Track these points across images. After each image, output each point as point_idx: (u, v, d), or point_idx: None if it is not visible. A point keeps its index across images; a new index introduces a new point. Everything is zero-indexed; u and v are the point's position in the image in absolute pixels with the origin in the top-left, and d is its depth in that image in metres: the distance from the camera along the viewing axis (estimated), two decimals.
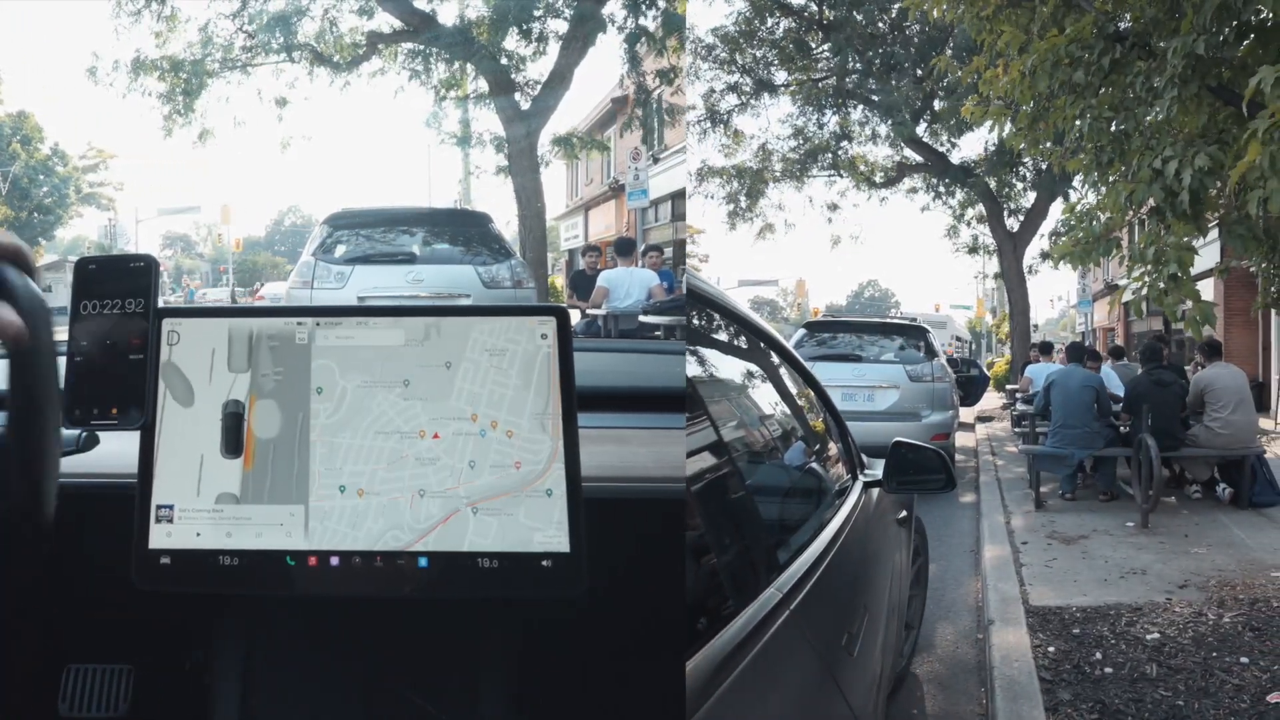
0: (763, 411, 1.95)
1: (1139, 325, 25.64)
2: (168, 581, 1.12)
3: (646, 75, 13.32)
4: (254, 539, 1.12)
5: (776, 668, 1.23)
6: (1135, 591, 4.96)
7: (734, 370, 1.83)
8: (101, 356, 1.11)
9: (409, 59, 14.31)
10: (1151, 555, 5.77)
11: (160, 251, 61.62)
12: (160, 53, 13.78)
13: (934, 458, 2.49)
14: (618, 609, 1.33)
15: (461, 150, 15.73)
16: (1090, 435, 7.40)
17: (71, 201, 36.96)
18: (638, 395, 1.67)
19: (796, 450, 2.14)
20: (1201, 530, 6.53)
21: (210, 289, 45.27)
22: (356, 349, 1.17)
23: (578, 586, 1.11)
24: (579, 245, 26.28)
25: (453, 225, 9.81)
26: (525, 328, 1.16)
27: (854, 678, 1.58)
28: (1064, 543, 6.14)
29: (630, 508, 1.32)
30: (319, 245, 8.91)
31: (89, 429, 1.18)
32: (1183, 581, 5.14)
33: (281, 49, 13.87)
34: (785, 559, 1.53)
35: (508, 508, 1.12)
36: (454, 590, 1.12)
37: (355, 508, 1.13)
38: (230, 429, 1.14)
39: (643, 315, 7.79)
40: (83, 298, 1.12)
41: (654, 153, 17.54)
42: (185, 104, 13.80)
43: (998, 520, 6.95)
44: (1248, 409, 7.41)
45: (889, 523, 2.61)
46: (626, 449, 1.48)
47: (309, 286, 8.56)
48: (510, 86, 13.58)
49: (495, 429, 1.14)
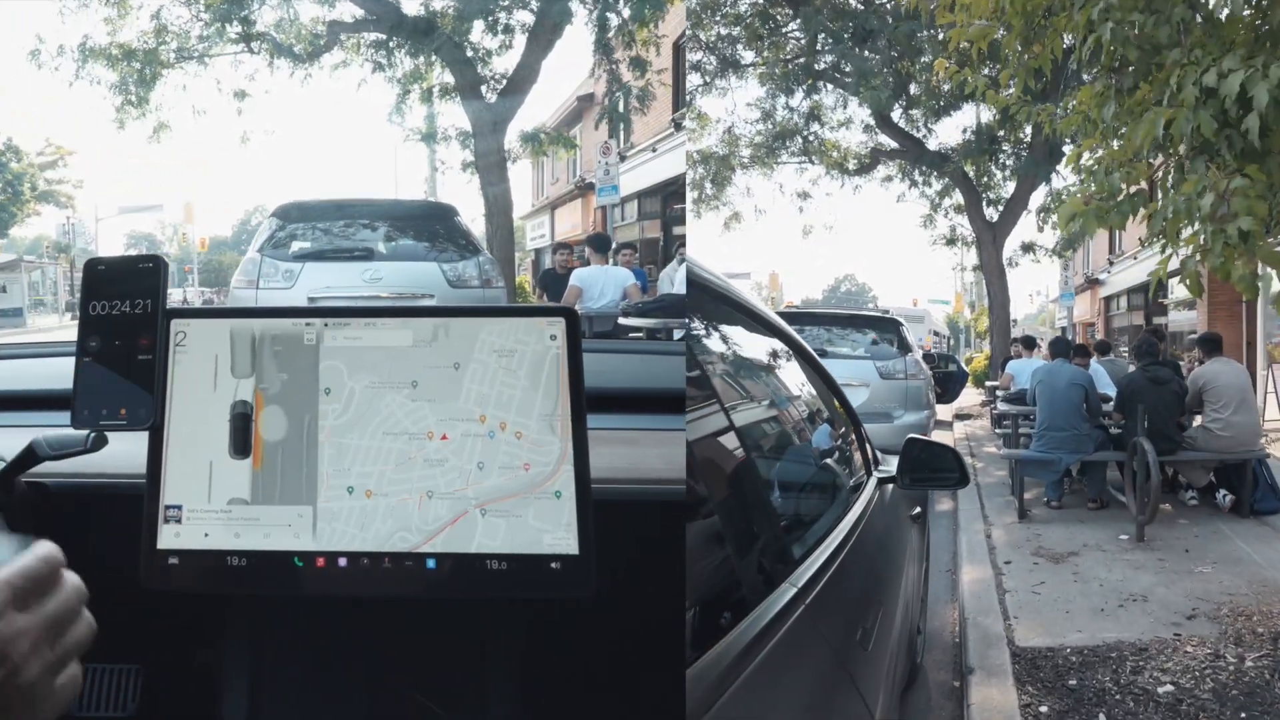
0: (777, 404, 1.93)
1: (1119, 319, 25.15)
2: (176, 582, 1.12)
3: (620, 63, 12.73)
4: (262, 540, 1.12)
5: (792, 662, 1.21)
6: (1138, 624, 4.24)
7: (748, 363, 1.79)
8: (110, 357, 1.12)
9: (372, 49, 13.61)
10: (1151, 576, 5.06)
11: (124, 251, 60.97)
12: (111, 40, 13.02)
13: (947, 454, 2.47)
14: (623, 610, 1.32)
15: (427, 146, 15.25)
16: (1079, 438, 6.67)
17: (27, 199, 35.85)
18: (638, 396, 1.66)
19: (811, 444, 2.11)
20: (1203, 544, 5.82)
21: (174, 289, 44.76)
22: (364, 350, 1.16)
23: (586, 588, 1.11)
24: (545, 244, 25.73)
25: (415, 219, 8.83)
26: (534, 328, 1.16)
27: (868, 672, 1.57)
28: (1052, 561, 5.41)
29: (635, 509, 1.31)
30: (266, 240, 7.97)
31: (98, 429, 1.17)
32: (1190, 610, 4.43)
33: (240, 39, 13.17)
34: (801, 553, 1.50)
35: (516, 509, 1.12)
36: (462, 591, 1.11)
37: (363, 509, 1.12)
38: (238, 429, 1.14)
39: (622, 318, 7.14)
40: (91, 298, 1.13)
41: (621, 150, 16.95)
42: (139, 95, 13.04)
43: (977, 533, 6.20)
44: (1250, 409, 6.71)
45: (902, 519, 2.60)
46: (635, 450, 1.47)
47: (254, 286, 7.63)
48: (476, 79, 12.94)
49: (504, 430, 1.13)
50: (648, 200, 19.61)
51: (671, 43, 15.38)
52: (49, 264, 38.60)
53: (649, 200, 19.59)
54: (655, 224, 19.65)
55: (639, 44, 12.46)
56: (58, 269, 38.02)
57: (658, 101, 13.77)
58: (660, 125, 16.56)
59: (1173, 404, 6.56)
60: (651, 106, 13.27)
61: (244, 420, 1.14)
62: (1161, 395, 6.48)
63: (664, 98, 15.05)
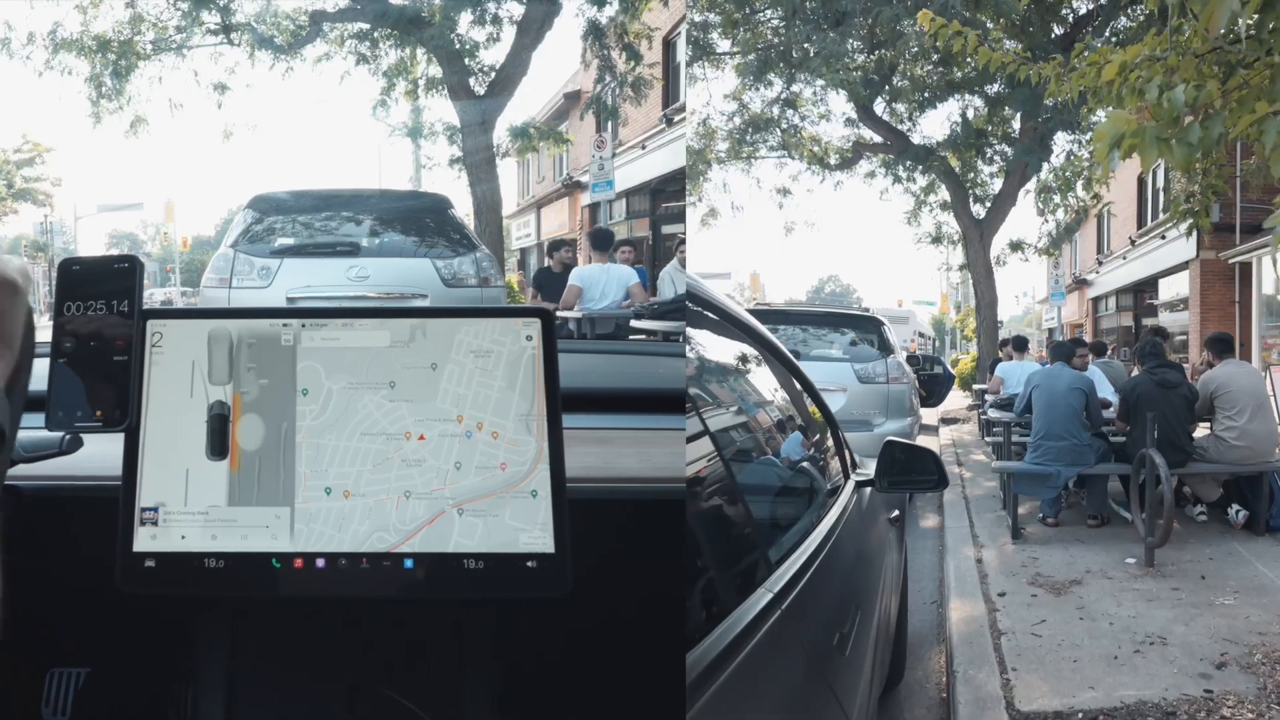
0: (754, 409, 1.90)
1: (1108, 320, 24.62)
2: (152, 584, 1.11)
3: (612, 48, 12.11)
4: (239, 541, 1.12)
5: (767, 668, 1.20)
6: (1160, 677, 3.56)
7: (725, 368, 1.78)
8: (85, 358, 1.10)
9: (356, 41, 12.91)
10: (1168, 611, 4.39)
11: (107, 250, 60.72)
12: (85, 29, 12.37)
13: (926, 457, 2.45)
14: (607, 609, 1.33)
15: (412, 142, 14.63)
16: (1079, 449, 5.98)
17: (3, 197, 35.03)
18: (640, 396, 1.67)
19: (788, 449, 2.08)
20: (1220, 568, 5.17)
21: (158, 289, 44.16)
22: (342, 350, 1.17)
23: (562, 587, 1.11)
24: (531, 244, 25.20)
25: (404, 210, 7.94)
26: (510, 329, 1.16)
27: (845, 677, 1.56)
28: (1053, 592, 4.74)
29: (631, 509, 1.33)
30: (241, 234, 7.10)
31: (73, 431, 1.17)
32: (1219, 657, 3.76)
33: (219, 29, 12.52)
34: (777, 558, 1.48)
35: (493, 509, 1.12)
36: (440, 591, 1.12)
37: (341, 509, 1.13)
38: (215, 431, 1.14)
39: (635, 321, 6.54)
40: (66, 299, 1.11)
41: (611, 147, 16.38)
42: (114, 88, 12.37)
43: (966, 557, 5.51)
44: (1266, 415, 6.04)
45: (881, 522, 2.59)
46: (634, 450, 1.48)
47: (226, 285, 6.79)
48: (464, 71, 12.32)
49: (481, 430, 1.14)
50: (636, 198, 19.00)
51: (662, 37, 14.78)
52: (28, 263, 38.20)
53: (637, 198, 18.99)
54: (644, 222, 19.07)
55: (630, 35, 11.96)
56: (36, 269, 37.46)
57: (646, 97, 13.24)
58: (649, 122, 15.95)
59: (1183, 410, 5.90)
60: (643, 99, 12.74)
61: (221, 421, 1.14)
62: (1170, 401, 5.82)
63: (653, 94, 14.51)
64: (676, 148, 15.43)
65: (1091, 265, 24.67)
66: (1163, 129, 2.87)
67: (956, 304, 40.46)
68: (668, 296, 6.93)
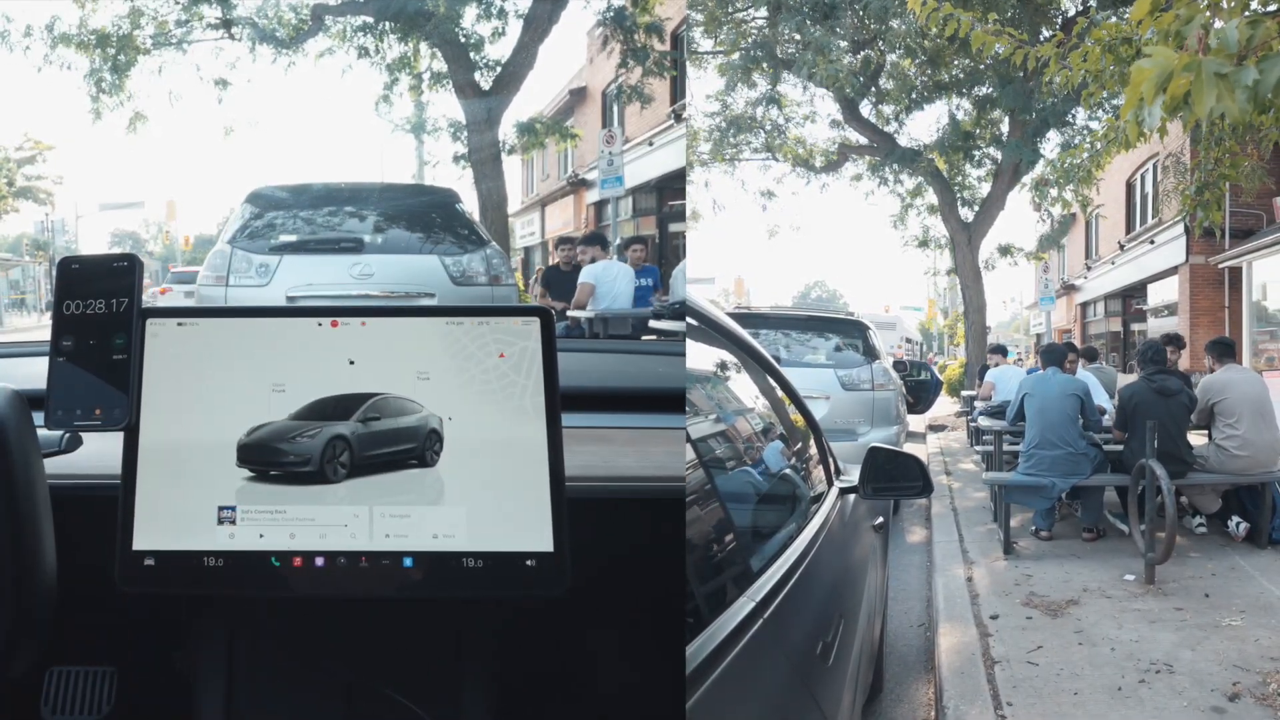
0: (736, 417, 1.87)
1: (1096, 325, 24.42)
2: (151, 583, 1.10)
3: (635, 30, 11.76)
4: (239, 541, 1.10)
5: (749, 677, 1.18)
6: (1169, 711, 3.24)
7: (708, 374, 1.76)
8: (85, 357, 1.09)
9: (359, 34, 12.67)
10: (1171, 634, 4.09)
11: (109, 249, 60.74)
12: (84, 24, 12.18)
13: (910, 463, 2.40)
14: (606, 608, 1.32)
15: (415, 138, 14.29)
16: (1074, 458, 5.65)
17: (4, 195, 34.48)
18: (639, 395, 1.64)
19: (771, 456, 2.04)
20: (1223, 585, 4.87)
21: (157, 287, 44.25)
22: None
23: (561, 586, 1.09)
24: (535, 242, 24.59)
25: (410, 206, 7.48)
26: (510, 328, 1.15)
27: (829, 685, 1.54)
28: (1049, 614, 4.42)
29: (631, 508, 1.31)
30: (239, 230, 6.72)
31: (72, 430, 1.13)
32: (1231, 687, 3.45)
33: (220, 24, 12.43)
34: (759, 566, 1.45)
35: (492, 507, 1.10)
36: (439, 590, 1.10)
37: (341, 509, 1.10)
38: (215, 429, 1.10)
39: (653, 321, 6.33)
40: (66, 297, 1.10)
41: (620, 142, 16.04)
42: (114, 83, 12.24)
43: (956, 576, 5.17)
44: (1269, 423, 5.71)
45: (864, 529, 2.56)
46: (632, 449, 1.46)
47: (223, 283, 6.51)
48: (469, 65, 12.08)
49: (480, 429, 1.12)
50: (642, 196, 18.61)
51: (670, 32, 14.48)
52: (29, 262, 37.46)
53: (643, 196, 18.61)
54: (650, 220, 18.75)
55: (640, 29, 11.67)
56: (38, 267, 36.91)
57: (655, 93, 12.98)
58: (656, 119, 15.65)
59: (1183, 419, 5.57)
60: (653, 92, 12.49)
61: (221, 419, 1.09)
62: (1170, 409, 5.50)
63: (661, 90, 14.21)
64: (681, 145, 15.18)
65: (1080, 270, 24.47)
66: (1221, 65, 2.33)
67: (943, 309, 40.30)
68: (681, 296, 6.69)
